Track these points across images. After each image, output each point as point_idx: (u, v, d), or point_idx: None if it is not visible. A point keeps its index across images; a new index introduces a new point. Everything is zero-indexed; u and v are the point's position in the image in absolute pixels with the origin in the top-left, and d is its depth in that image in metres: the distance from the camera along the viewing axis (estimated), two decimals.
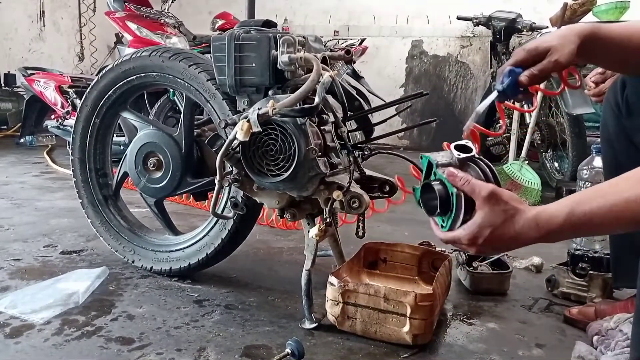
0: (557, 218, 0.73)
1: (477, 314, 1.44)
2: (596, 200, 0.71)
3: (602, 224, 0.72)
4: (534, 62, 0.95)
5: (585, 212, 0.71)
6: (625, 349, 1.10)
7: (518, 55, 0.97)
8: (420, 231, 2.32)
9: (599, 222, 0.71)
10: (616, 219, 0.70)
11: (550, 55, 0.94)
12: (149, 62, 1.54)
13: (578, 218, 0.72)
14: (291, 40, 1.28)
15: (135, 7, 3.79)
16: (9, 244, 1.87)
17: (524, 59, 0.96)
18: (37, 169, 3.63)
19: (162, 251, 1.62)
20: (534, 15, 4.03)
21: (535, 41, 0.98)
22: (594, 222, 0.71)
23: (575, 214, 0.72)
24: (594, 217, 0.71)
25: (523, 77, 0.94)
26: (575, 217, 0.72)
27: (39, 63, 5.52)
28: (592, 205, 0.71)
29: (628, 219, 0.69)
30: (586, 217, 0.71)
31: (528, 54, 0.96)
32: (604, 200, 0.71)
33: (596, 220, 0.71)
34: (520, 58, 0.96)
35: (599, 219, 0.71)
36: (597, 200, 0.71)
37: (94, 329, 1.25)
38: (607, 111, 1.25)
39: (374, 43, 5.65)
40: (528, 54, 0.96)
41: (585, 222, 0.72)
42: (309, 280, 1.32)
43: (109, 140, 1.76)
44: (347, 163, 1.34)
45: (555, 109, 3.26)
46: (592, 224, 0.72)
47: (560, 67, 0.94)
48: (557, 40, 0.94)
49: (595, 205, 0.71)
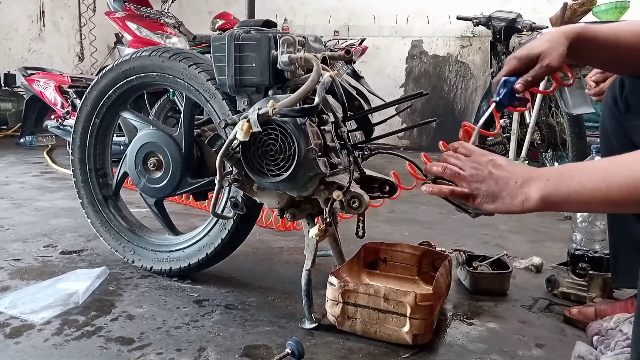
0: (547, 174, 0.76)
1: (477, 314, 1.44)
2: (592, 162, 0.76)
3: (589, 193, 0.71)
4: (527, 69, 0.98)
5: (580, 167, 0.75)
6: (625, 349, 1.10)
7: (510, 64, 1.00)
8: (420, 231, 2.32)
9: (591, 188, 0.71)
10: (606, 187, 0.70)
11: (542, 60, 0.96)
12: (149, 62, 1.54)
13: (567, 184, 0.73)
14: (291, 40, 1.28)
15: (135, 7, 3.79)
16: (9, 244, 1.87)
17: (517, 67, 0.99)
18: (37, 169, 3.63)
19: (162, 251, 1.62)
20: (534, 15, 4.05)
21: (525, 48, 1.00)
22: (584, 188, 0.72)
23: (564, 179, 0.74)
24: (585, 183, 0.71)
25: (518, 85, 0.97)
26: (564, 183, 0.73)
27: (38, 63, 5.53)
28: (588, 163, 0.76)
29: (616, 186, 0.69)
30: (576, 183, 0.72)
31: (519, 61, 0.99)
32: (597, 167, 0.74)
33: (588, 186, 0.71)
34: (512, 67, 0.99)
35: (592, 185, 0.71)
36: (594, 162, 0.76)
37: (94, 329, 1.25)
38: (606, 110, 1.25)
39: (374, 43, 5.65)
40: (519, 61, 0.99)
41: (573, 191, 0.72)
42: (309, 280, 1.32)
43: (109, 140, 1.76)
44: (347, 163, 1.34)
45: (555, 109, 3.26)
46: (581, 192, 0.72)
47: (553, 70, 0.97)
48: (547, 45, 0.97)
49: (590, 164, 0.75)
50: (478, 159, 0.85)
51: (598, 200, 0.71)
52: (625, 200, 0.69)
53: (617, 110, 1.20)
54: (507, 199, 0.79)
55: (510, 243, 2.18)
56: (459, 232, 2.33)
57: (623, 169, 0.69)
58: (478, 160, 0.84)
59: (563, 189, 0.74)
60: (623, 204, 0.70)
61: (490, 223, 2.54)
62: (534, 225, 2.53)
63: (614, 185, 0.69)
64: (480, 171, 0.83)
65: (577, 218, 1.57)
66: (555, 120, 3.28)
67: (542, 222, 2.62)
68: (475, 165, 0.84)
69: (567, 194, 0.73)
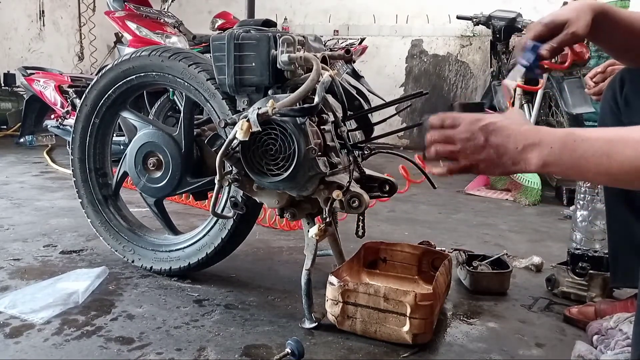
0: (548, 136, 0.75)
1: (477, 313, 1.44)
2: (596, 132, 0.73)
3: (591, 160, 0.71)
4: (551, 36, 0.97)
5: (583, 137, 0.72)
6: (625, 349, 1.10)
7: (536, 29, 0.99)
8: (420, 230, 2.32)
9: (592, 156, 0.71)
10: (607, 156, 0.70)
11: (568, 28, 0.96)
12: (149, 61, 1.54)
13: (570, 148, 0.72)
14: (291, 40, 1.28)
15: (135, 6, 3.79)
16: (9, 244, 1.87)
17: (542, 32, 0.98)
18: (36, 169, 3.63)
19: (161, 251, 1.62)
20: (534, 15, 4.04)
21: (552, 15, 0.99)
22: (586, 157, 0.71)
23: (568, 143, 0.73)
24: (588, 149, 0.71)
25: (544, 51, 0.96)
26: (567, 148, 0.72)
27: (38, 63, 5.53)
28: (592, 134, 0.72)
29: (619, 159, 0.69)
30: (578, 150, 0.72)
31: (546, 27, 0.97)
32: (602, 134, 0.72)
33: (589, 153, 0.71)
34: (538, 32, 0.98)
35: (592, 153, 0.71)
36: (597, 132, 0.73)
37: (93, 329, 1.25)
38: (605, 108, 1.25)
39: (373, 42, 5.65)
40: (546, 27, 0.97)
41: (576, 157, 0.72)
42: (308, 280, 1.32)
43: (109, 139, 1.76)
44: (347, 162, 1.34)
45: (555, 108, 3.26)
46: (581, 159, 0.72)
47: (578, 38, 0.96)
48: (573, 13, 0.96)
49: (594, 135, 0.72)
50: (470, 128, 0.80)
51: (599, 173, 0.72)
52: (626, 176, 0.70)
53: (616, 107, 1.20)
54: (508, 163, 0.78)
55: (510, 242, 2.18)
56: (459, 231, 2.33)
57: (627, 148, 0.68)
58: (470, 129, 0.80)
59: (565, 159, 0.73)
60: (623, 180, 0.72)
61: (490, 223, 2.54)
62: (534, 225, 2.53)
63: (617, 162, 0.69)
64: (475, 140, 0.79)
65: (577, 217, 1.57)
66: (555, 120, 3.28)
67: (542, 221, 2.62)
68: (468, 136, 0.80)
69: (569, 164, 0.73)
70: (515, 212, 2.83)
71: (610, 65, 1.38)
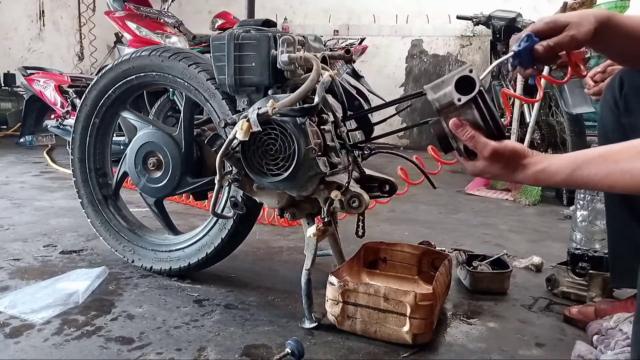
0: (556, 177, 0.82)
1: (477, 313, 1.44)
2: (596, 166, 0.78)
3: (596, 187, 0.81)
4: (550, 35, 0.95)
5: (584, 176, 0.79)
6: (625, 349, 1.10)
7: (536, 25, 0.97)
8: (420, 230, 2.32)
9: (593, 185, 0.80)
10: (609, 186, 0.77)
11: (568, 30, 0.94)
12: (149, 61, 1.54)
13: (575, 180, 0.80)
14: (291, 40, 1.28)
15: (135, 6, 3.79)
16: (9, 244, 1.87)
17: (542, 29, 0.96)
18: (36, 169, 3.63)
19: (162, 251, 1.62)
20: (534, 15, 4.04)
21: (554, 15, 0.98)
22: (588, 184, 0.80)
23: (574, 176, 0.79)
24: (589, 181, 0.79)
25: (539, 46, 0.95)
26: (572, 179, 0.80)
27: (38, 63, 5.53)
28: (591, 170, 0.78)
29: (619, 187, 0.77)
30: (583, 180, 0.79)
31: (546, 25, 0.96)
32: (604, 167, 0.77)
33: (591, 184, 0.80)
34: (537, 28, 0.97)
35: (594, 183, 0.79)
36: (598, 166, 0.78)
37: (93, 329, 1.25)
38: (604, 109, 1.25)
39: (373, 42, 5.65)
40: (546, 25, 0.96)
41: (580, 184, 0.81)
42: (308, 280, 1.32)
43: (109, 139, 1.76)
44: (347, 162, 1.34)
45: (555, 108, 3.25)
46: (586, 185, 0.81)
47: (576, 43, 0.95)
48: (576, 18, 0.95)
49: (593, 172, 0.78)
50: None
51: (599, 188, 0.81)
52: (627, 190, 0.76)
53: (616, 108, 1.20)
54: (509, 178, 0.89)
55: (510, 242, 2.18)
56: (459, 231, 2.33)
57: (626, 174, 0.74)
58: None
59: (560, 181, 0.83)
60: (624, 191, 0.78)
61: (490, 223, 2.54)
62: (534, 225, 2.53)
63: (618, 186, 0.76)
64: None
65: (577, 217, 1.57)
66: (555, 120, 3.28)
67: (542, 221, 2.62)
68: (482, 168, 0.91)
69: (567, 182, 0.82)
70: (515, 212, 2.83)
71: (610, 65, 1.38)
